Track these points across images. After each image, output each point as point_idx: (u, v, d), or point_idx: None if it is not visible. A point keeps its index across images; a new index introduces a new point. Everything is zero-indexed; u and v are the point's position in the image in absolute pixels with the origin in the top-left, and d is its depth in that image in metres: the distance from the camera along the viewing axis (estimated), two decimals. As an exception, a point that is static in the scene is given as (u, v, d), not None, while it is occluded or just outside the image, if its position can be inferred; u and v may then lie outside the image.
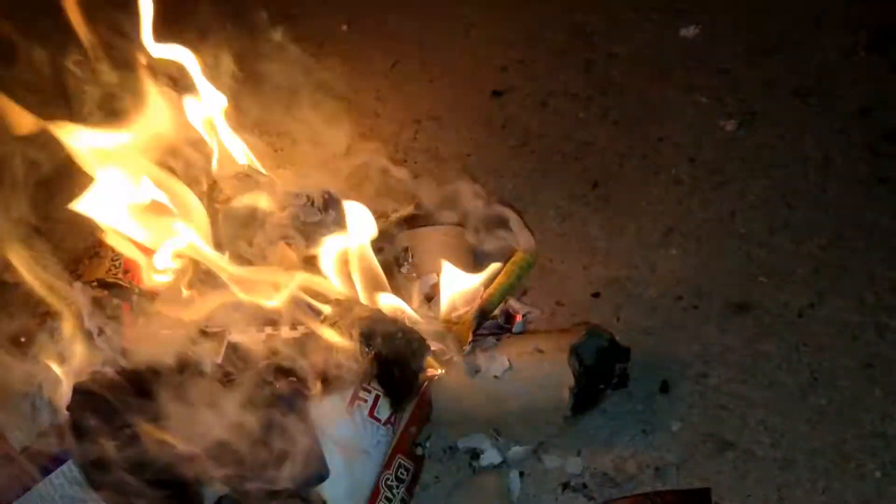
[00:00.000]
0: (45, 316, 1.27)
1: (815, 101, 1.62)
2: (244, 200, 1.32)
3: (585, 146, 1.65)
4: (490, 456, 1.23)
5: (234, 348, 1.10)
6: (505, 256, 1.31)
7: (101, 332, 1.13)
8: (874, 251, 1.37)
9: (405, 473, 1.15)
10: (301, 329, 1.14)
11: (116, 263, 1.41)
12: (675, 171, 1.56)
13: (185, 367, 1.03)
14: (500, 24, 1.94)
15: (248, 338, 1.11)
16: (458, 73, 1.86)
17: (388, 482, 1.12)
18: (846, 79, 1.65)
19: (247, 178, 1.51)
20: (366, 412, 1.07)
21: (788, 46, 1.72)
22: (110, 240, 1.30)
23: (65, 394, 1.06)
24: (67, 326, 1.16)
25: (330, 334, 1.11)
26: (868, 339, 1.28)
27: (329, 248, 1.29)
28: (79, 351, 1.12)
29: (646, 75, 1.74)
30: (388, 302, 1.20)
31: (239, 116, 1.55)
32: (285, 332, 1.12)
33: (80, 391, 1.00)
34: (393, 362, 1.12)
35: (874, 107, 1.58)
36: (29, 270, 1.18)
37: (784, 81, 1.66)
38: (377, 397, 1.08)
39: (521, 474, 1.21)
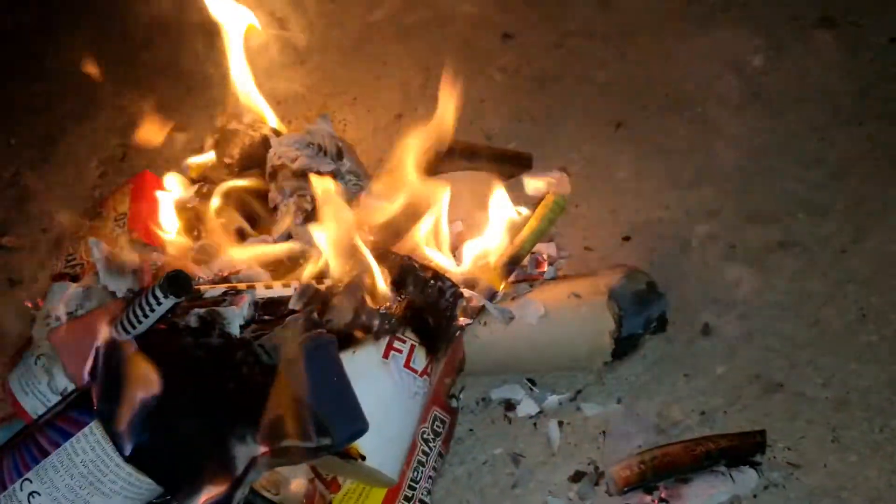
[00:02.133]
0: (55, 279, 1.22)
1: (843, 32, 1.55)
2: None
3: (605, 87, 1.59)
4: (526, 406, 1.18)
5: (261, 303, 1.03)
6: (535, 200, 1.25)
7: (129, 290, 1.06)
8: (916, 184, 1.32)
9: (441, 426, 1.10)
10: (328, 280, 1.07)
11: (120, 223, 1.35)
12: (701, 108, 1.49)
13: (212, 328, 0.96)
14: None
15: (276, 291, 1.04)
16: (467, 16, 1.79)
17: (425, 435, 1.07)
18: (873, 7, 1.58)
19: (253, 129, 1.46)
20: (402, 362, 1.01)
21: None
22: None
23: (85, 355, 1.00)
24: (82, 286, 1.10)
25: (360, 283, 1.04)
26: (916, 273, 1.22)
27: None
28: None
29: (665, 12, 1.67)
30: (420, 248, 1.14)
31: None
32: (313, 283, 1.06)
33: (108, 348, 0.93)
34: (426, 310, 1.05)
35: (905, 36, 1.52)
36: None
37: (809, 13, 1.59)
38: (412, 347, 1.02)
39: (560, 424, 1.16)
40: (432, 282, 1.07)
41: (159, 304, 0.89)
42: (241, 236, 1.31)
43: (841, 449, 1.07)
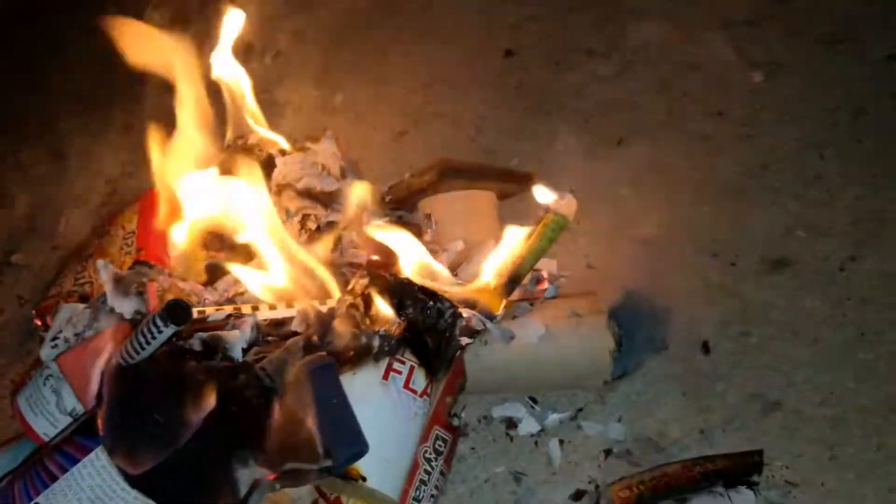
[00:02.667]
0: (63, 297, 1.23)
1: (842, 49, 1.57)
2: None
3: (606, 104, 1.60)
4: (527, 424, 1.19)
5: (264, 325, 1.05)
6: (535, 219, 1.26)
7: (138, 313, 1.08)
8: (913, 201, 1.33)
9: (443, 445, 1.11)
10: (330, 301, 1.09)
11: (128, 241, 1.37)
12: (702, 125, 1.51)
13: (215, 352, 0.98)
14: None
15: (279, 312, 1.06)
16: (469, 32, 1.81)
17: (427, 455, 1.08)
18: (872, 24, 1.59)
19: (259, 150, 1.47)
20: (401, 384, 1.02)
21: (812, -7, 1.67)
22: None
23: (92, 378, 1.02)
24: (90, 308, 1.12)
25: (360, 305, 1.06)
26: (912, 290, 1.23)
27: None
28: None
29: (665, 28, 1.69)
30: (421, 267, 1.15)
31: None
32: (315, 305, 1.07)
33: (111, 375, 0.95)
34: (426, 331, 1.07)
35: (902, 53, 1.54)
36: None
37: (809, 30, 1.60)
38: (412, 368, 1.03)
39: (561, 442, 1.17)
40: (431, 303, 1.08)
41: (160, 332, 0.90)
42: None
43: (838, 467, 1.08)
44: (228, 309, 1.11)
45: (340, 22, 1.92)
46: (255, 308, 1.10)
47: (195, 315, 1.05)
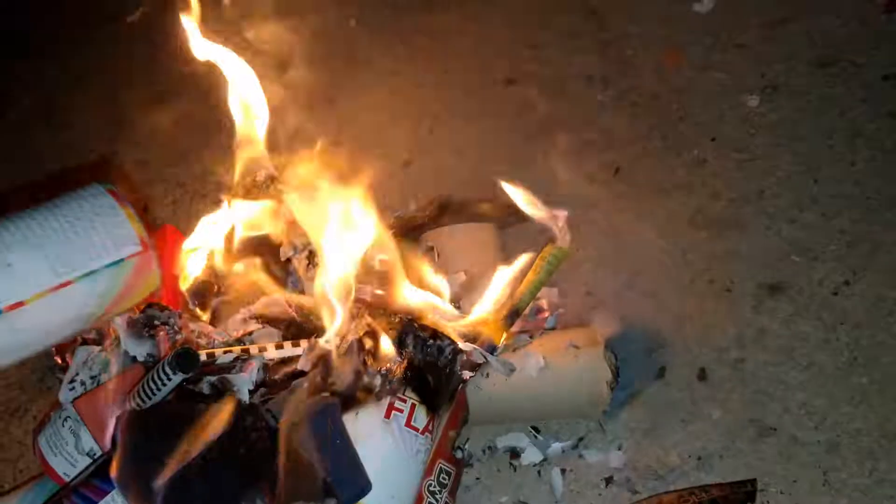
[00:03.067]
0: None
1: (837, 71, 1.58)
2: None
3: (605, 131, 1.63)
4: (530, 454, 1.23)
5: (271, 365, 1.09)
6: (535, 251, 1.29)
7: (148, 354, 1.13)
8: (907, 224, 1.35)
9: (447, 477, 1.15)
10: (333, 341, 1.13)
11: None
12: (697, 151, 1.54)
13: (223, 394, 1.02)
14: (510, 9, 1.92)
15: (286, 352, 1.10)
16: (471, 62, 1.84)
17: (431, 488, 1.12)
18: (866, 45, 1.61)
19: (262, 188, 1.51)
20: (403, 422, 1.06)
21: (804, 16, 1.69)
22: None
23: (107, 421, 1.06)
24: (105, 351, 1.16)
25: (362, 344, 1.10)
26: (906, 314, 1.26)
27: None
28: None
29: (661, 54, 1.72)
30: (422, 302, 1.19)
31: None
32: (320, 343, 1.11)
33: (126, 419, 1.00)
34: (427, 369, 1.10)
35: (896, 73, 1.56)
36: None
37: (803, 52, 1.63)
38: (413, 406, 1.07)
39: (563, 471, 1.20)
40: (431, 341, 1.12)
41: (169, 380, 0.95)
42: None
43: (832, 492, 1.10)
44: (236, 351, 1.15)
45: (343, 54, 1.96)
46: (263, 349, 1.14)
47: (204, 358, 1.10)
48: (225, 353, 1.13)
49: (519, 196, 1.26)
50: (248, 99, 1.41)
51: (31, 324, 0.99)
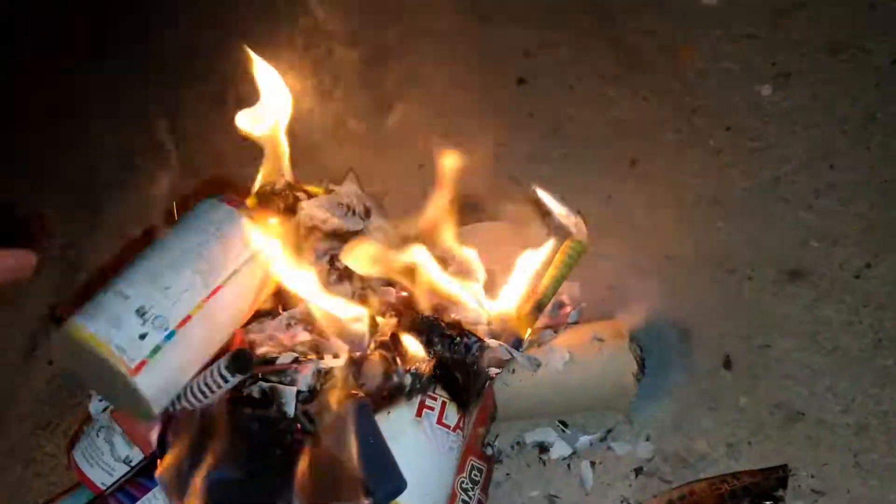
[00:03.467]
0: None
1: (848, 57, 1.59)
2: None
3: (618, 125, 1.64)
4: (559, 448, 1.23)
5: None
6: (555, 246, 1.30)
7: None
8: (925, 206, 1.36)
9: (479, 474, 1.16)
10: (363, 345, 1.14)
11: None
12: (712, 141, 1.54)
13: (270, 403, 1.04)
14: (519, 8, 1.93)
15: (330, 363, 1.11)
16: (481, 62, 1.85)
17: (464, 485, 1.13)
18: (875, 29, 1.62)
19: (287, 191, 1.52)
20: (434, 420, 1.07)
21: (813, 3, 1.69)
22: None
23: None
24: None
25: (390, 345, 1.11)
26: (928, 295, 1.26)
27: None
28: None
29: (672, 47, 1.72)
30: (450, 297, 1.20)
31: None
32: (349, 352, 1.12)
33: (168, 420, 1.02)
34: (455, 366, 1.11)
35: (907, 55, 1.56)
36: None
37: (813, 40, 1.63)
38: (443, 404, 1.08)
39: (593, 464, 1.21)
40: (458, 338, 1.13)
41: (225, 381, 0.97)
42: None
43: (863, 474, 1.11)
44: (306, 347, 1.16)
45: (355, 59, 1.97)
46: (320, 357, 1.15)
47: (265, 356, 1.12)
48: (285, 354, 1.14)
49: (540, 193, 1.26)
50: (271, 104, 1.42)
51: (199, 335, 1.05)
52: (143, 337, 1.00)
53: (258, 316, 1.29)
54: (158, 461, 1.03)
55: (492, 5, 1.95)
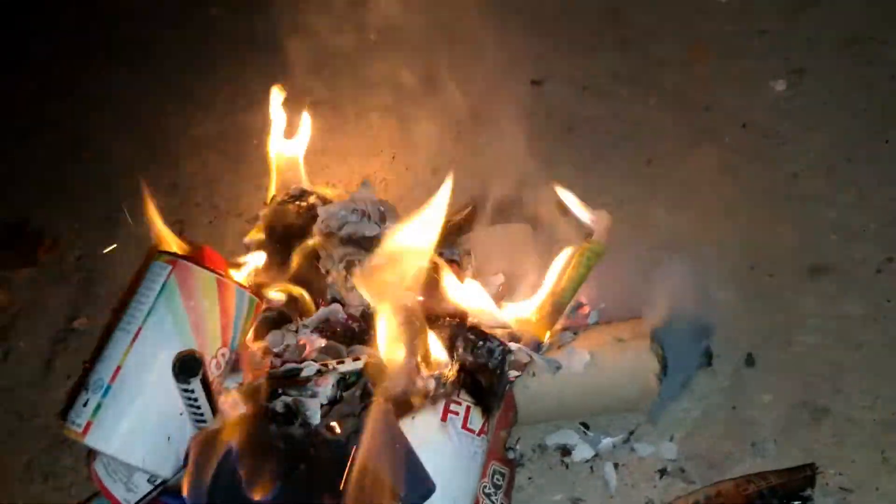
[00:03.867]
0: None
1: (861, 50, 1.58)
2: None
3: (634, 125, 1.63)
4: (581, 450, 1.22)
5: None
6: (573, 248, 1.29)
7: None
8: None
9: (501, 479, 1.15)
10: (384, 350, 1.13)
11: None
12: (728, 139, 1.54)
13: (295, 416, 1.03)
14: (532, 10, 1.92)
15: (347, 367, 1.10)
16: (493, 66, 1.84)
17: (486, 490, 1.12)
18: (889, 23, 1.61)
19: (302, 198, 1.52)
20: (459, 424, 1.06)
21: (829, -5, 1.69)
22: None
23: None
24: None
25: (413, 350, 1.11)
26: (950, 288, 1.25)
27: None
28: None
29: (685, 46, 1.72)
30: (471, 304, 1.19)
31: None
32: (375, 353, 1.12)
33: (193, 443, 1.02)
34: (478, 371, 1.11)
35: (923, 47, 1.55)
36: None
37: (827, 35, 1.63)
38: (468, 408, 1.07)
39: (616, 465, 1.20)
40: (481, 342, 1.12)
41: (190, 391, 1.01)
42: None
43: (891, 470, 1.09)
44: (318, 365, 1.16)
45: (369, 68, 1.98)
46: (340, 361, 1.14)
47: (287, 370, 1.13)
48: (308, 366, 1.14)
49: (560, 192, 1.26)
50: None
51: (137, 377, 1.09)
52: (85, 403, 1.08)
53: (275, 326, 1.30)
54: (185, 485, 1.03)
55: (502, 8, 1.94)
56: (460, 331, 1.13)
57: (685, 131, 1.58)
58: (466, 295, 1.19)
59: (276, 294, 1.34)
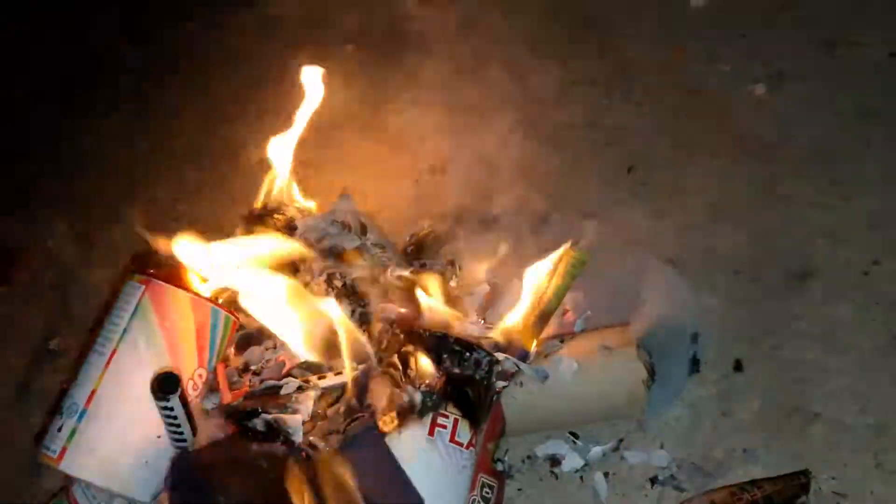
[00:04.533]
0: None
1: (842, 52, 1.58)
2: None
3: (613, 131, 1.62)
4: (571, 460, 1.21)
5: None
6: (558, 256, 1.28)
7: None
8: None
9: (490, 491, 1.12)
10: (366, 364, 1.11)
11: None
12: (709, 143, 1.53)
13: (277, 434, 1.01)
14: (509, 18, 1.91)
15: (329, 382, 1.08)
16: (472, 73, 1.83)
17: (475, 503, 1.10)
18: (869, 25, 1.61)
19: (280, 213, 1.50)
20: (447, 438, 1.04)
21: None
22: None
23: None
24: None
25: (397, 363, 1.08)
26: (937, 288, 1.24)
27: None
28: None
29: (663, 52, 1.71)
30: (449, 319, 1.17)
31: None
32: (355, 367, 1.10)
33: (172, 464, 0.99)
34: (466, 383, 1.09)
35: (903, 48, 1.55)
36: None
37: (806, 37, 1.62)
38: (456, 421, 1.05)
39: (606, 475, 1.18)
40: (467, 354, 1.10)
41: (169, 408, 0.98)
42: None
43: (885, 474, 1.08)
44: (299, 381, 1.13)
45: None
46: (322, 377, 1.12)
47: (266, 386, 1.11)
48: (288, 383, 1.11)
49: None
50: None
51: (113, 401, 1.08)
52: (60, 428, 1.07)
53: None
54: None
55: (479, 16, 1.93)
56: (447, 342, 1.10)
57: (666, 137, 1.57)
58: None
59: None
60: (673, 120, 1.59)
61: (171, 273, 1.24)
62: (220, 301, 1.21)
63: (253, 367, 1.22)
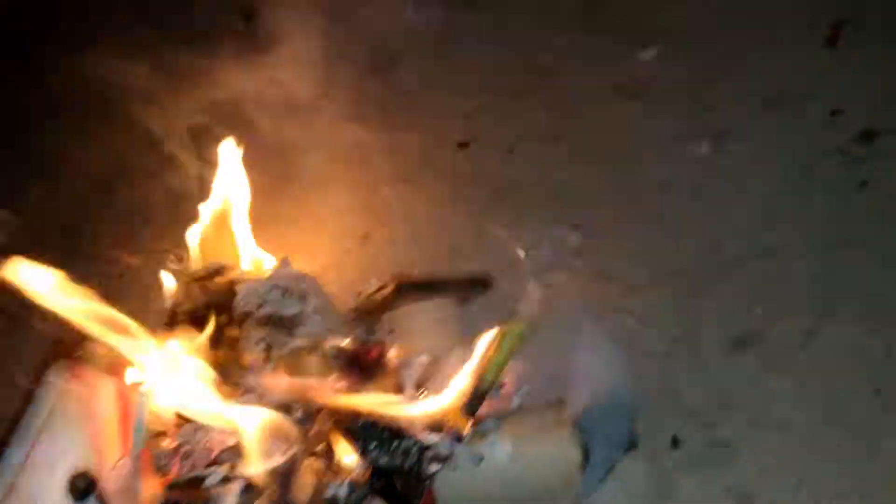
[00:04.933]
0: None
1: (784, 109, 1.58)
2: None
3: (560, 187, 1.61)
4: (509, 542, 1.19)
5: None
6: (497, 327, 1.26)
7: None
8: (866, 265, 1.34)
9: (424, 581, 1.11)
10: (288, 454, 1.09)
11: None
12: (653, 203, 1.52)
13: None
14: (457, 73, 1.90)
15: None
16: (422, 127, 1.82)
17: (408, 593, 1.08)
18: (810, 80, 1.62)
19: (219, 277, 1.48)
20: (373, 532, 1.03)
21: (750, 55, 1.69)
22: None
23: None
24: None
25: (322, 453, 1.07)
26: (874, 360, 1.24)
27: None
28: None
29: (611, 106, 1.70)
30: (377, 403, 1.15)
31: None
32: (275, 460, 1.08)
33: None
34: (393, 472, 1.07)
35: (842, 107, 1.55)
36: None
37: (750, 93, 1.63)
38: (382, 513, 1.04)
39: (543, 556, 1.17)
40: (396, 442, 1.08)
41: None
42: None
43: (821, 555, 1.08)
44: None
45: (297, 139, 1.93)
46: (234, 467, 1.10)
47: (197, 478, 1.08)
48: (214, 473, 1.09)
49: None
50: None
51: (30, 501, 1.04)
52: None
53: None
54: None
55: (428, 70, 1.92)
56: (374, 430, 1.09)
57: (611, 194, 1.56)
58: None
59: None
60: (619, 176, 1.59)
61: (94, 361, 1.22)
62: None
63: (183, 450, 1.20)
